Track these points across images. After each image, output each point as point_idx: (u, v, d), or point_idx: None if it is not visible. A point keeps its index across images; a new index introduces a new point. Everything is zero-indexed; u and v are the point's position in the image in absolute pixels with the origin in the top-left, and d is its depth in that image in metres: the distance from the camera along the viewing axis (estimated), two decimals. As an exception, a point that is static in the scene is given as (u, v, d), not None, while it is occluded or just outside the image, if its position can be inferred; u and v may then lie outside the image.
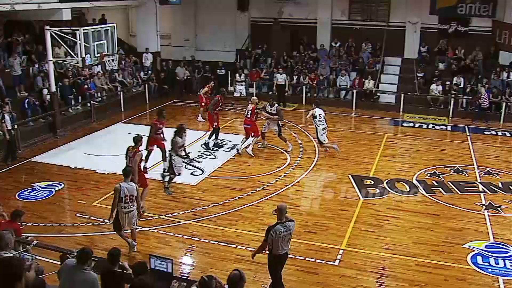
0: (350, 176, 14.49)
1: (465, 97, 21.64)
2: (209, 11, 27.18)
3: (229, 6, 26.71)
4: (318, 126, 16.25)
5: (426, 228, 11.59)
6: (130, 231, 10.46)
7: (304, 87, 23.61)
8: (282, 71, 23.10)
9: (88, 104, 20.75)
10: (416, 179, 14.37)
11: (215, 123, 17.37)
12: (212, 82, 21.74)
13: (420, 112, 21.75)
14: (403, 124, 20.57)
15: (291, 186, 13.83)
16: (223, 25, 27.06)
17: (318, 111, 16.36)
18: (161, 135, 14.56)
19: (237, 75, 23.51)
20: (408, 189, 13.73)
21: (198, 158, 15.99)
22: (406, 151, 17.23)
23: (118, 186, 9.94)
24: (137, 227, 10.70)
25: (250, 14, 26.96)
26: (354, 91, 22.98)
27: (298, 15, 25.94)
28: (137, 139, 11.84)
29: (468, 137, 18.85)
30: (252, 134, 16.49)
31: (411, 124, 20.52)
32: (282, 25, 26.06)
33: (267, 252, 8.48)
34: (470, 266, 10.02)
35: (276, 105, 17.12)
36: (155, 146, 14.56)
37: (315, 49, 25.51)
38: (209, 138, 17.33)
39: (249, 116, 16.51)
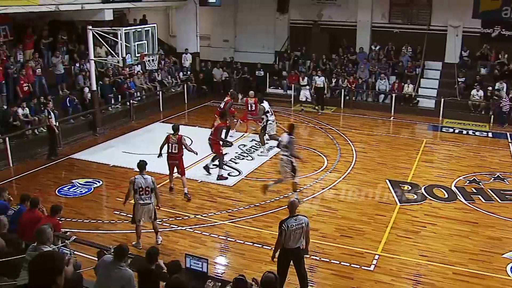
0: (387, 181, 14.32)
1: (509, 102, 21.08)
2: (249, 13, 27.26)
3: (269, 8, 26.72)
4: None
5: (464, 236, 11.36)
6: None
7: (342, 90, 23.46)
8: (321, 74, 22.99)
9: (128, 103, 21.11)
10: (454, 186, 14.10)
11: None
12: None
13: (460, 118, 21.32)
14: (443, 130, 20.21)
15: (328, 189, 13.75)
16: (263, 27, 27.10)
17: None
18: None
19: (300, 78, 23.06)
20: (446, 196, 13.48)
21: (235, 159, 16.07)
22: (445, 157, 16.93)
23: (132, 178, 10.43)
24: (158, 222, 10.93)
25: (289, 16, 26.93)
26: (393, 95, 22.71)
27: (338, 17, 25.81)
28: (176, 127, 13.08)
29: (510, 144, 18.40)
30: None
31: (451, 130, 20.14)
32: (322, 27, 25.97)
33: None
34: (509, 276, 9.76)
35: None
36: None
37: (354, 52, 25.31)
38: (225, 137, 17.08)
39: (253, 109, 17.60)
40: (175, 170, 13.24)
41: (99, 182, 14.33)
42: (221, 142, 14.65)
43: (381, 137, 19.09)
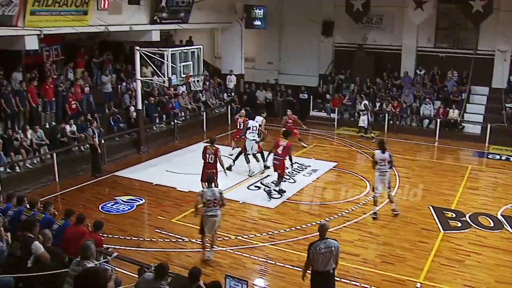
0: (431, 207, 14.01)
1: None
2: (294, 36, 27.36)
3: (314, 31, 26.77)
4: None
5: (510, 266, 10.97)
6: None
7: (386, 114, 23.22)
8: (365, 97, 22.80)
9: (172, 123, 21.41)
10: (501, 214, 13.65)
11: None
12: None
13: (508, 145, 20.71)
14: (489, 156, 19.68)
15: (369, 214, 13.52)
16: (307, 49, 27.16)
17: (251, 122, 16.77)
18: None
19: (358, 103, 22.87)
20: (492, 224, 13.07)
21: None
22: (491, 184, 16.47)
23: (201, 191, 11.08)
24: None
25: (334, 40, 26.92)
26: (438, 120, 22.30)
27: (382, 41, 25.64)
28: (213, 139, 14.21)
29: (561, 172, 17.79)
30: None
31: (497, 157, 19.59)
32: (366, 51, 25.86)
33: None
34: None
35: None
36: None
37: (399, 76, 25.05)
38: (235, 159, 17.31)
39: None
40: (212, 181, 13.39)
41: (141, 200, 14.52)
42: (287, 162, 15.36)
43: (424, 162, 18.74)
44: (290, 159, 15.30)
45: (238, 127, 18.47)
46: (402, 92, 24.04)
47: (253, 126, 16.67)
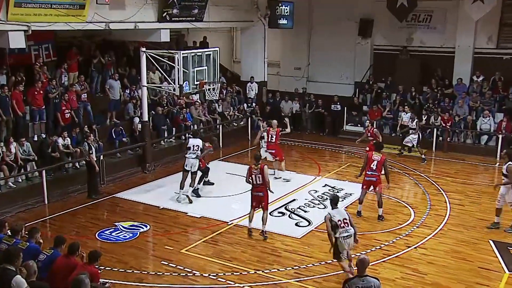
0: (491, 242, 13.68)
1: None
2: (326, 37, 27.37)
3: (349, 32, 26.72)
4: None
5: None
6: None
7: (435, 129, 22.93)
8: (409, 110, 22.60)
9: (183, 137, 21.40)
10: None
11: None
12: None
13: None
14: None
15: (414, 248, 13.28)
16: (341, 53, 27.11)
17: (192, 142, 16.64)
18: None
19: (410, 121, 22.57)
20: None
21: (304, 207, 15.86)
22: None
23: (327, 214, 11.41)
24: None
25: (373, 41, 26.86)
26: (499, 136, 21.96)
27: (431, 42, 25.46)
28: (259, 157, 14.08)
29: None
30: (277, 158, 18.29)
31: None
32: (412, 54, 25.72)
33: None
34: None
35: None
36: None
37: (451, 84, 24.76)
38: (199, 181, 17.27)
39: (273, 140, 18.30)
40: (260, 204, 13.72)
41: (146, 226, 14.46)
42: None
43: (482, 187, 18.38)
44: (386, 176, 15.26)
45: (269, 140, 18.42)
46: (455, 103, 23.74)
47: (193, 146, 16.45)
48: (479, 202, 16.71)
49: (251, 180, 13.64)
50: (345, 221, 11.25)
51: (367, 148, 18.11)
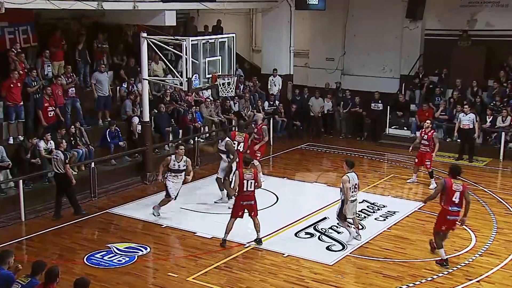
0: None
1: None
2: (365, 21, 27.38)
3: (394, 13, 26.68)
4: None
5: None
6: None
7: (503, 134, 22.69)
8: (469, 109, 22.42)
9: (191, 141, 21.39)
10: None
11: None
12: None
13: None
14: None
15: (477, 281, 13.05)
16: (384, 40, 27.13)
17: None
18: None
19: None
20: None
21: (337, 227, 15.75)
22: None
23: (346, 177, 14.15)
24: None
25: (424, 25, 26.74)
26: None
27: (501, 24, 25.14)
28: (249, 160, 14.78)
29: None
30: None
31: None
32: (474, 39, 25.50)
33: None
34: None
35: (226, 139, 17.48)
36: None
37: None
38: None
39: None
40: (250, 214, 14.22)
41: (145, 249, 14.38)
42: None
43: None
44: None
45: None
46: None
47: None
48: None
49: (239, 187, 14.00)
50: (355, 186, 14.22)
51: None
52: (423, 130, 19.65)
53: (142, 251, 14.25)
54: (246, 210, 14.28)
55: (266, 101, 25.68)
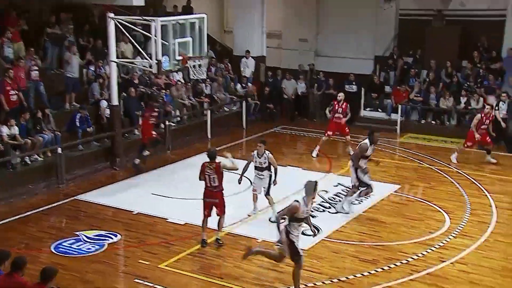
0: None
1: None
2: (338, 1, 27.38)
3: (368, -7, 26.73)
4: None
5: None
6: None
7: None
8: (444, 91, 22.51)
9: (162, 126, 21.29)
10: None
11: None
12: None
13: None
14: None
15: (451, 263, 13.16)
16: (358, 20, 27.11)
17: None
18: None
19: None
20: None
21: (312, 211, 15.73)
22: None
23: (364, 144, 15.24)
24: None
25: (398, 5, 26.82)
26: None
27: (474, 4, 25.32)
28: (213, 153, 13.69)
29: None
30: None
31: None
32: (448, 19, 25.66)
33: None
34: None
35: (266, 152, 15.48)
36: None
37: (499, 57, 24.62)
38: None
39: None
40: (213, 211, 13.67)
41: (115, 236, 14.33)
42: None
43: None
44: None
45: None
46: (504, 80, 23.63)
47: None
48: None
49: (205, 180, 13.63)
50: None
51: None
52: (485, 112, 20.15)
53: (112, 238, 14.22)
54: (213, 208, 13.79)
55: (238, 83, 25.64)
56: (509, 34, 24.57)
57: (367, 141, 15.28)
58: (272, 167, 15.23)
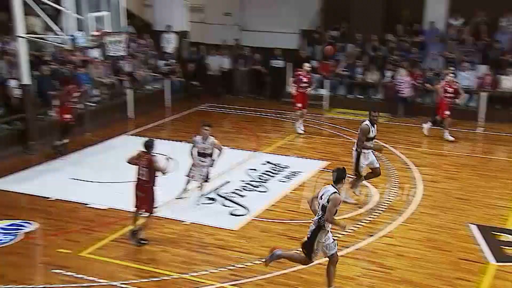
0: (472, 226, 14.04)
1: None
2: (263, -27, 27.30)
3: (293, -35, 26.76)
4: None
5: None
6: None
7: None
8: (369, 64, 22.86)
9: (79, 106, 21.01)
10: None
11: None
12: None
13: None
14: None
15: (379, 237, 13.47)
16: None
17: None
18: None
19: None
20: None
21: (240, 191, 15.92)
22: None
23: (365, 126, 14.69)
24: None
25: (323, -23, 26.91)
26: (483, 94, 22.47)
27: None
28: (149, 143, 12.79)
29: None
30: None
31: None
32: (373, -8, 25.92)
33: None
34: None
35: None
36: None
37: (421, 30, 25.08)
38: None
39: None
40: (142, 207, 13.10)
41: (30, 224, 14.02)
42: None
43: (462, 159, 18.83)
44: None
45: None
46: (426, 53, 24.08)
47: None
48: (457, 177, 17.14)
49: (137, 172, 12.90)
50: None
51: None
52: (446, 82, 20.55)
53: (27, 227, 13.84)
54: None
55: (161, 60, 25.48)
56: (430, 7, 25.27)
57: (367, 121, 14.97)
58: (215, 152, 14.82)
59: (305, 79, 21.06)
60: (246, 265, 12.23)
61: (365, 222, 14.17)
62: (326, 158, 18.42)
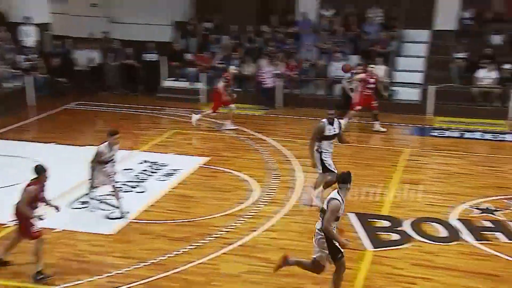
0: (351, 215, 14.44)
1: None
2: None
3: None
4: None
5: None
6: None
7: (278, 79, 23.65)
8: (244, 56, 23.08)
9: None
10: (456, 219, 14.30)
11: None
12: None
13: (461, 114, 21.87)
14: (433, 133, 20.78)
15: (262, 231, 13.67)
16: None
17: None
18: None
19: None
20: (444, 234, 13.64)
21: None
22: (438, 174, 17.31)
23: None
24: None
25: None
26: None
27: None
28: (40, 169, 11.78)
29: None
30: None
31: (446, 133, 20.71)
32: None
33: None
34: None
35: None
36: None
37: (294, 21, 25.52)
38: None
39: None
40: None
41: None
42: None
43: (339, 148, 19.23)
44: None
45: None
46: (300, 44, 24.50)
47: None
48: (336, 167, 17.51)
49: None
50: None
51: None
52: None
53: None
54: None
55: (20, 55, 24.81)
56: (303, -2, 25.59)
57: (325, 120, 14.70)
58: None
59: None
60: (126, 271, 12.07)
61: (248, 217, 14.35)
62: (205, 154, 18.53)
